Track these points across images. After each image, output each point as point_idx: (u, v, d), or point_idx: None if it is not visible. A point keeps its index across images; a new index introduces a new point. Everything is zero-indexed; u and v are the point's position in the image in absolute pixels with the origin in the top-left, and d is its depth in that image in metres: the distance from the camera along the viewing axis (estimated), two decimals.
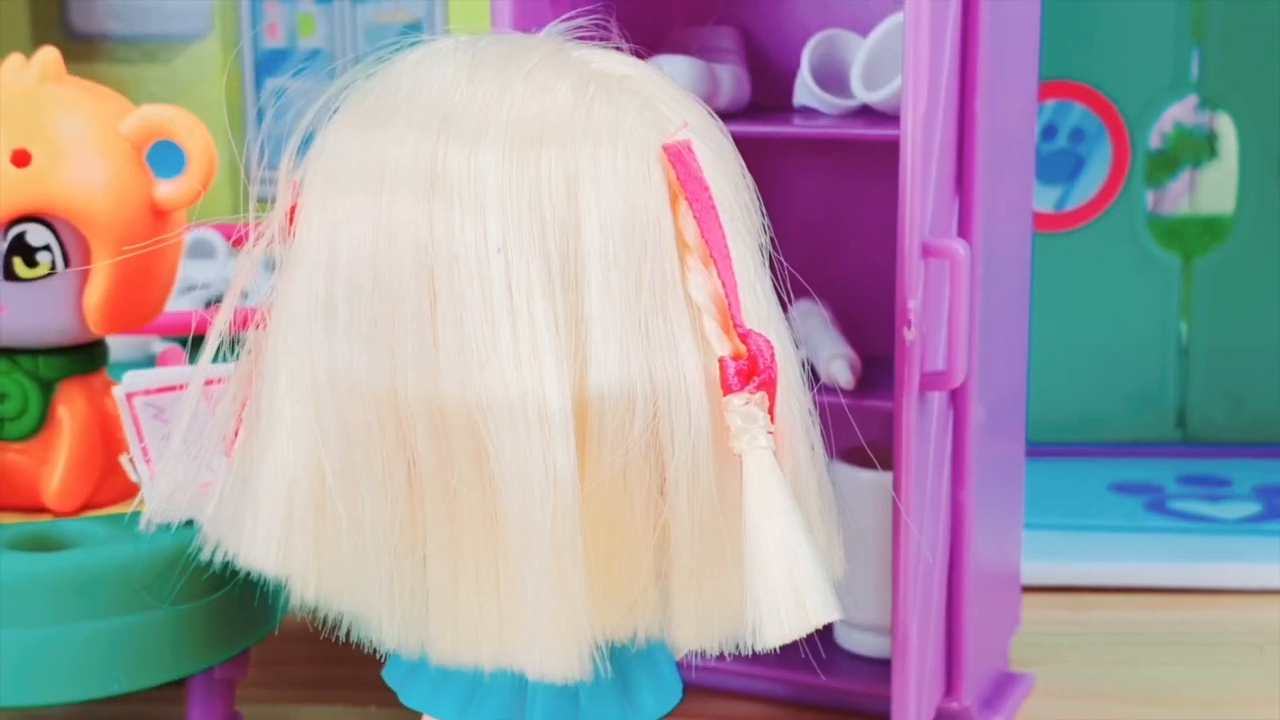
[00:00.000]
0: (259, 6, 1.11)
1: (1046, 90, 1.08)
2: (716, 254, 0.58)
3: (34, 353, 0.71)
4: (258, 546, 0.61)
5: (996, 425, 0.78)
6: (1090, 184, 1.10)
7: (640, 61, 0.62)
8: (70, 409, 0.71)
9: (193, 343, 0.66)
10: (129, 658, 0.66)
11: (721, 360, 0.57)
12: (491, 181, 0.57)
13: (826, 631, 0.73)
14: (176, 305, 0.94)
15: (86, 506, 0.71)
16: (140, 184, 0.70)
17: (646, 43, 0.84)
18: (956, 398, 0.74)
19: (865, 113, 0.79)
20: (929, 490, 0.73)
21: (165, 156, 0.71)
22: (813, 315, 0.82)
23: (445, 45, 0.61)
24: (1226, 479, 1.06)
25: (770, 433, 0.57)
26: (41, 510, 0.71)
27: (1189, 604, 0.93)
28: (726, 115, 0.78)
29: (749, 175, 0.62)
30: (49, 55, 0.71)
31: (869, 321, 0.83)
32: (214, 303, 0.69)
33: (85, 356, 0.72)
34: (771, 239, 0.62)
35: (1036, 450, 1.08)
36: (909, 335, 0.69)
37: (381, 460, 0.58)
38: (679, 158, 0.58)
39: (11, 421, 0.71)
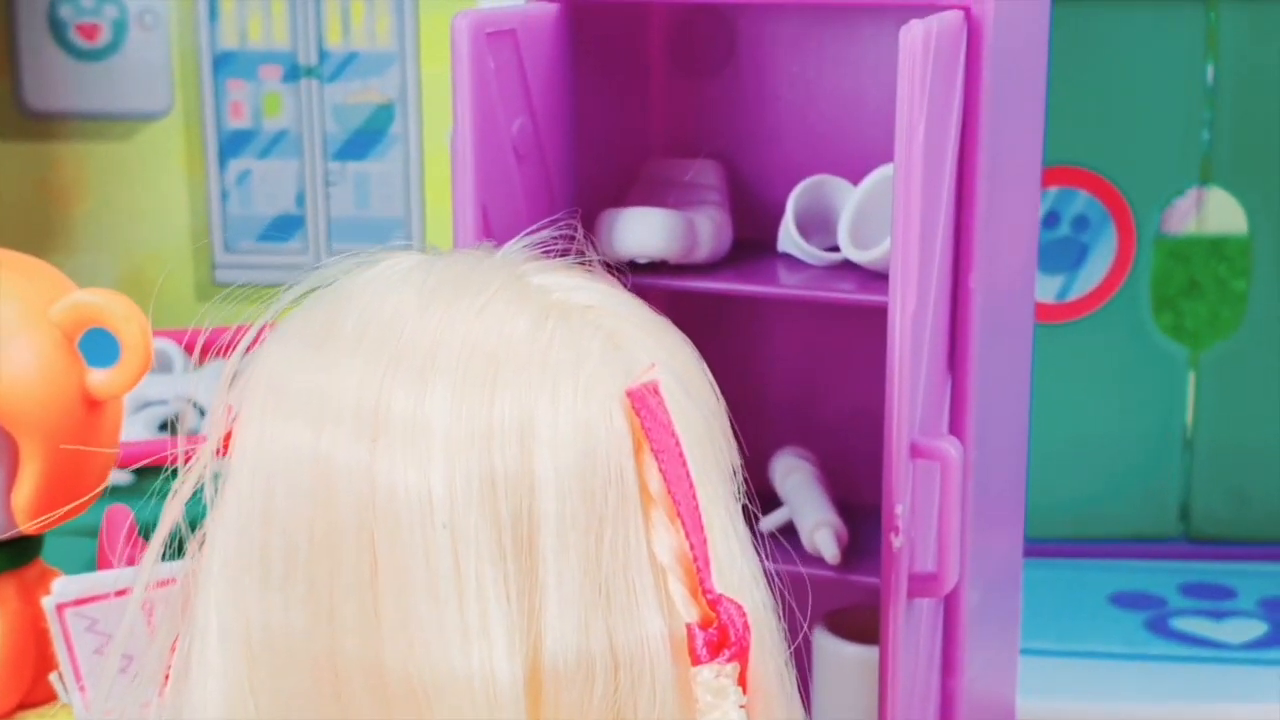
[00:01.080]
0: (222, 85, 1.05)
1: (1049, 176, 1.03)
2: (683, 510, 0.53)
3: None
4: None
5: (990, 597, 0.74)
6: (1094, 273, 1.05)
7: (608, 285, 0.57)
8: (0, 607, 0.67)
9: (142, 473, 0.61)
10: None
11: (690, 629, 0.53)
12: (439, 431, 0.52)
13: None
14: (130, 426, 0.90)
15: (21, 707, 0.67)
16: (71, 375, 0.65)
17: (626, 171, 0.80)
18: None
19: (852, 264, 0.74)
20: (918, 680, 0.69)
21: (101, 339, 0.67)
22: (797, 470, 0.78)
23: (399, 266, 0.57)
24: (1231, 589, 1.01)
25: (742, 706, 0.53)
26: None
27: None
28: (706, 267, 0.75)
29: (723, 401, 0.58)
30: None
31: (857, 467, 0.78)
32: (168, 425, 0.65)
33: (16, 551, 0.67)
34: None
35: (1035, 548, 1.04)
36: (896, 542, 0.65)
37: None
38: (644, 403, 0.53)
39: None
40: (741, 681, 0.54)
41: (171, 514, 0.58)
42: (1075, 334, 1.05)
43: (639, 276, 0.74)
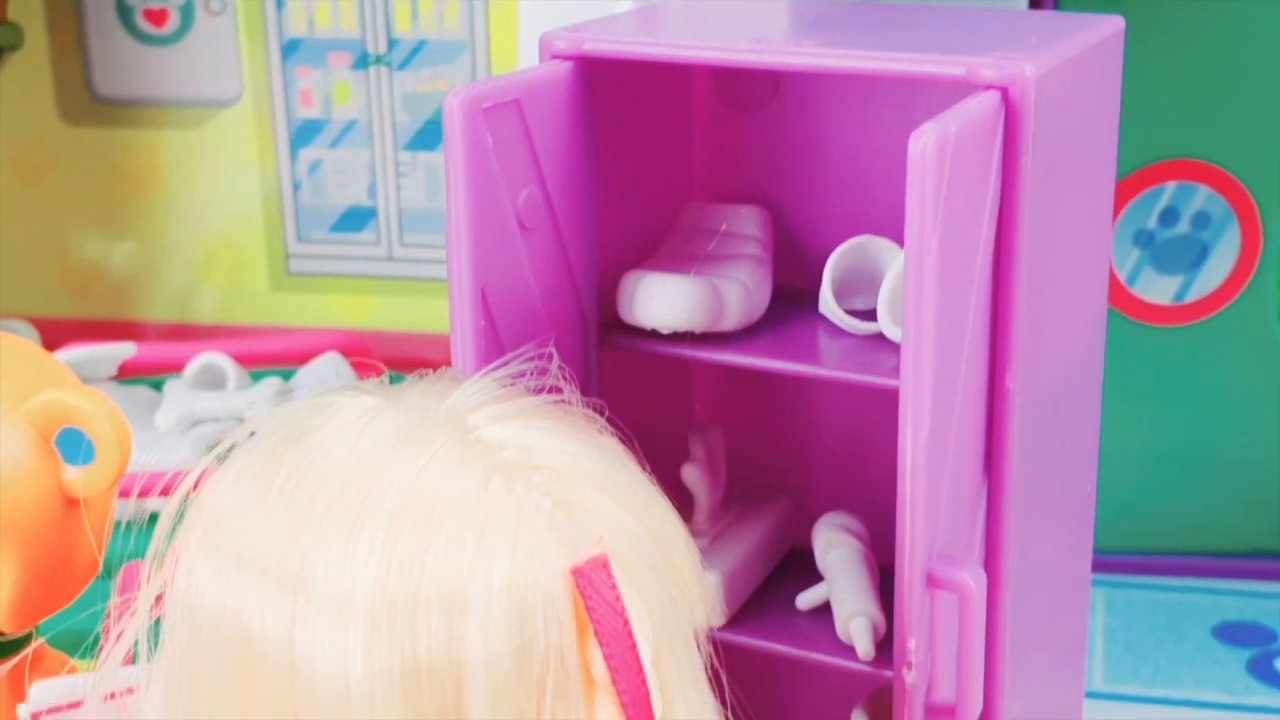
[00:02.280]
0: (290, 73, 1.01)
1: (1166, 170, 0.96)
2: (628, 701, 0.49)
3: None
4: None
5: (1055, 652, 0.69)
6: (1215, 274, 0.98)
7: (575, 432, 0.53)
8: None
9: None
10: None
11: None
12: (360, 605, 0.48)
13: None
14: (178, 446, 0.88)
15: None
16: (46, 474, 0.62)
17: (666, 216, 0.75)
18: (986, 700, 0.65)
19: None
20: None
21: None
22: (839, 545, 0.73)
23: (351, 412, 0.53)
24: None
25: None
26: None
27: None
28: (736, 334, 0.70)
29: (696, 557, 0.54)
30: None
31: None
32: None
33: (10, 645, 0.65)
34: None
35: (1141, 563, 0.98)
36: (909, 678, 0.60)
37: None
38: (589, 582, 0.49)
39: None
40: None
41: (115, 652, 0.56)
42: (1193, 338, 0.98)
43: (663, 345, 0.69)
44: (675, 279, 0.68)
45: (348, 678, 0.48)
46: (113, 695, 0.59)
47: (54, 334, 1.05)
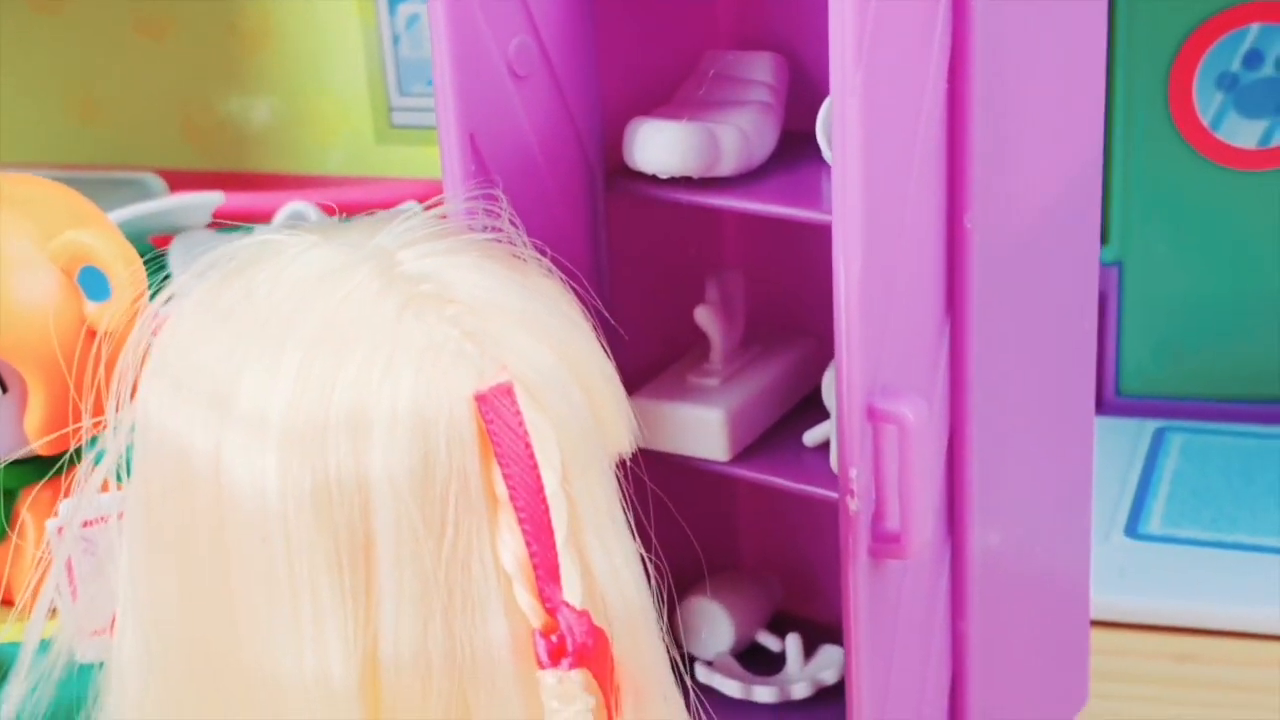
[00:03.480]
0: None
1: (1249, 12, 0.94)
2: (527, 519, 0.52)
3: None
4: None
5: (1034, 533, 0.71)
6: None
7: (503, 269, 0.56)
8: (36, 515, 0.71)
9: None
10: None
11: (533, 634, 0.53)
12: (275, 423, 0.52)
13: None
14: None
15: None
16: (69, 309, 0.68)
17: (685, 63, 0.77)
18: (954, 529, 0.67)
19: None
20: (910, 631, 0.66)
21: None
22: None
23: (295, 246, 0.56)
24: None
25: (590, 710, 0.53)
26: None
27: None
28: (735, 180, 0.71)
29: (619, 389, 0.56)
30: None
31: None
32: None
33: (51, 464, 0.71)
34: None
35: (1221, 410, 0.98)
36: (852, 505, 0.62)
37: (204, 710, 0.56)
38: (490, 406, 0.53)
39: None
40: (603, 682, 0.54)
41: (98, 473, 0.61)
42: (1276, 183, 0.97)
43: (662, 189, 0.72)
44: (670, 125, 0.70)
45: (264, 493, 0.52)
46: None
47: (179, 185, 1.11)
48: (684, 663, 0.59)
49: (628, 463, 0.58)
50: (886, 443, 0.62)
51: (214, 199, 0.97)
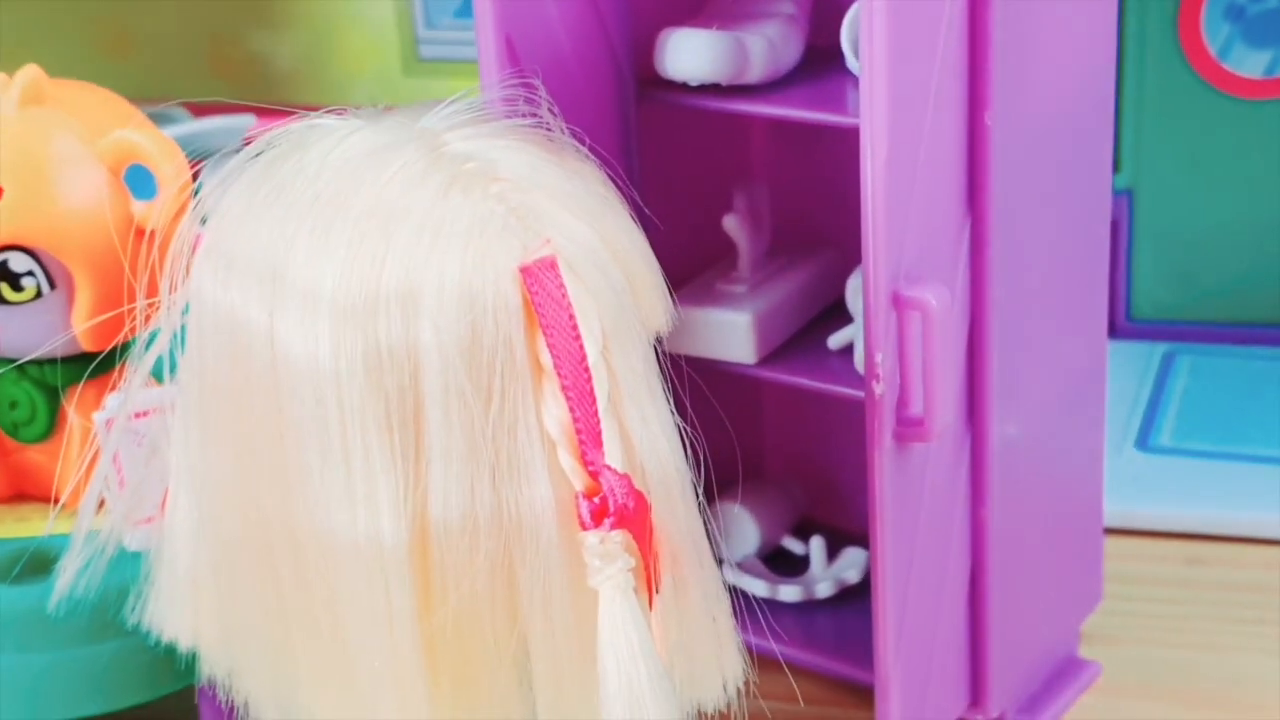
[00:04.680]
0: None
1: None
2: (571, 386, 0.55)
3: (40, 362, 0.73)
4: (170, 618, 0.62)
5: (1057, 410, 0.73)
6: None
7: (544, 153, 0.58)
8: (81, 412, 0.73)
9: None
10: (116, 678, 0.70)
11: (576, 497, 0.55)
12: (326, 298, 0.54)
13: None
14: None
15: None
16: (117, 206, 0.70)
17: None
18: (974, 419, 0.69)
19: None
20: (935, 515, 0.69)
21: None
22: None
23: (342, 129, 0.58)
24: None
25: (631, 570, 0.55)
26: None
27: None
28: (761, 88, 0.74)
29: (658, 271, 0.59)
30: (29, 77, 0.70)
31: None
32: None
33: (96, 361, 0.73)
34: None
35: (1229, 333, 1.01)
36: (877, 389, 0.64)
37: (254, 572, 0.58)
38: (536, 279, 0.55)
39: (24, 426, 0.74)
40: (643, 546, 0.56)
41: (149, 358, 0.63)
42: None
43: (691, 97, 0.74)
44: (699, 33, 0.73)
45: (318, 358, 0.54)
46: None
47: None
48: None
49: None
50: (911, 329, 0.64)
51: (245, 121, 0.99)
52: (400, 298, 0.54)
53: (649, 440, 0.57)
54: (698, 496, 0.58)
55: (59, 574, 0.66)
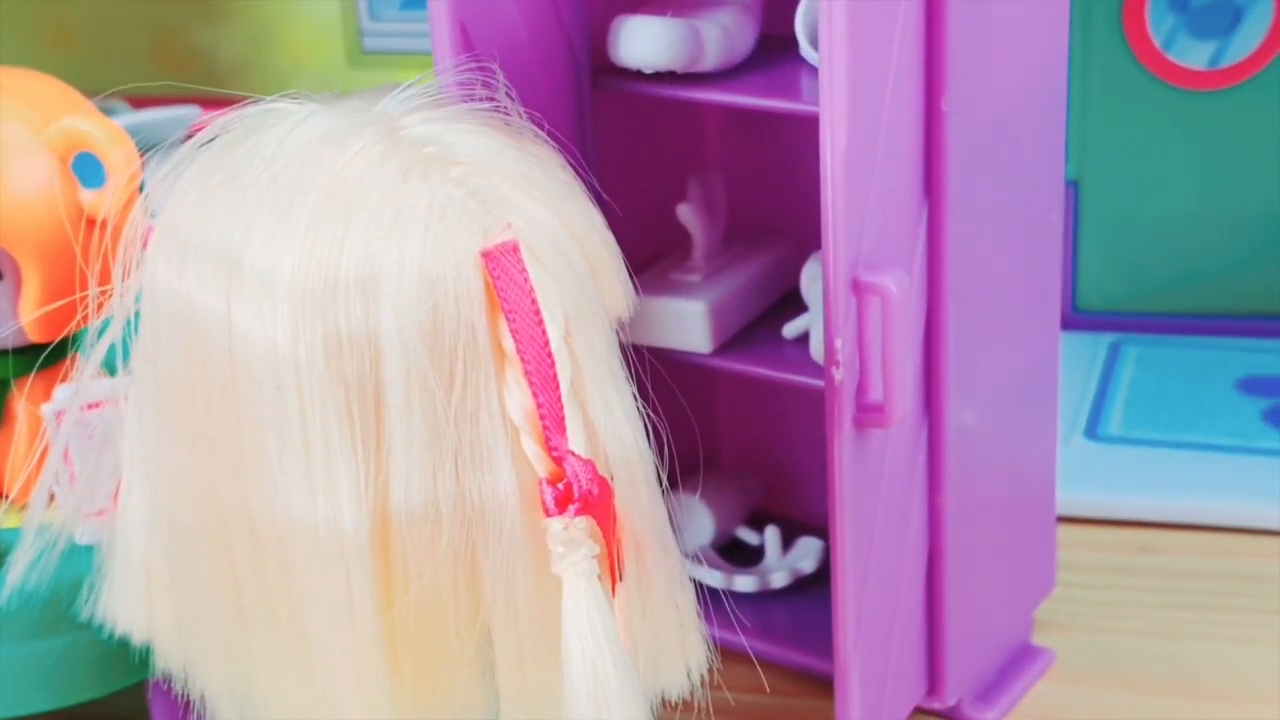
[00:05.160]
0: None
1: None
2: (533, 371, 0.54)
3: None
4: (124, 611, 0.62)
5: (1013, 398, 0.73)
6: (1249, 39, 0.99)
7: (502, 138, 0.57)
8: (32, 404, 0.72)
9: None
10: (66, 674, 0.69)
11: (539, 483, 0.54)
12: (284, 283, 0.53)
13: None
14: None
15: None
16: (65, 194, 0.69)
17: None
18: (931, 406, 0.69)
19: None
20: (893, 501, 0.69)
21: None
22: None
23: (297, 114, 0.58)
24: None
25: (595, 557, 0.55)
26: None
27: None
28: (716, 75, 0.73)
29: (618, 254, 0.58)
30: None
31: None
32: None
33: (33, 358, 0.72)
34: None
35: (1173, 324, 1.01)
36: (837, 375, 0.64)
37: (211, 563, 0.58)
38: (498, 264, 0.54)
39: None
40: (607, 533, 0.55)
41: (100, 347, 0.62)
42: (1225, 103, 1.00)
43: (646, 84, 0.73)
44: (653, 20, 0.72)
45: (276, 343, 0.54)
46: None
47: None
48: None
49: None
50: (870, 314, 0.64)
51: (189, 113, 0.98)
52: (360, 283, 0.53)
53: (612, 426, 0.57)
54: (661, 483, 0.58)
55: (9, 568, 0.66)
